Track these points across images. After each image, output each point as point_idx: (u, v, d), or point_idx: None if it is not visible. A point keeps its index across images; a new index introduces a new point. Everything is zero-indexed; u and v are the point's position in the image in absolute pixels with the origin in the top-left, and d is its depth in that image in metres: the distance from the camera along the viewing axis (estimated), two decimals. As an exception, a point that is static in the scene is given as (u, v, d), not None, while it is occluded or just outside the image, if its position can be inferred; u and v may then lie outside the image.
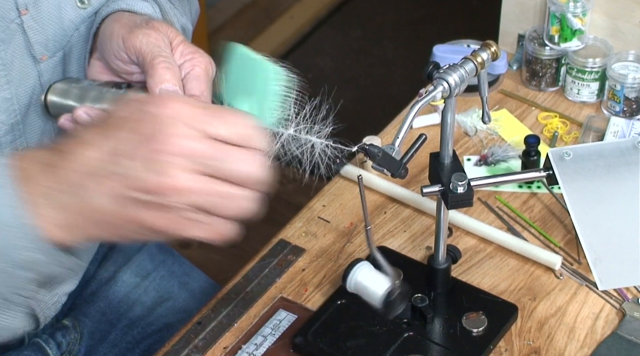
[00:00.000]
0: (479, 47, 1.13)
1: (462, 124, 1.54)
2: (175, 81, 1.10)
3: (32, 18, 1.16)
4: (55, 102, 1.15)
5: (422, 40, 3.29)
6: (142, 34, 1.11)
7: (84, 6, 1.20)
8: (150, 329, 1.46)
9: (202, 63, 1.13)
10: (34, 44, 1.17)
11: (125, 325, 1.45)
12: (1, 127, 1.17)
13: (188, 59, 1.13)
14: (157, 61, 1.09)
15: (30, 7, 1.15)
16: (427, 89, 1.12)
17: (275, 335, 1.24)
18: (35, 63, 1.18)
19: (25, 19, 1.15)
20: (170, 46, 1.13)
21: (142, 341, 1.45)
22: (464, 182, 1.14)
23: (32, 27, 1.16)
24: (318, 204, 1.43)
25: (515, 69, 1.66)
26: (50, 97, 1.15)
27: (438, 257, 1.25)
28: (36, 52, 1.18)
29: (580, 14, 1.56)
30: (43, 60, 1.19)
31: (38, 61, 1.18)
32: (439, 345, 1.22)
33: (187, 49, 1.14)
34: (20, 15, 1.15)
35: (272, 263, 1.34)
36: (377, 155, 1.04)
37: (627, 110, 1.55)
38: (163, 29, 1.13)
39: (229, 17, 3.37)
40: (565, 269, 1.33)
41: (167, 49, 1.11)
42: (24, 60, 1.17)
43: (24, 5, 1.15)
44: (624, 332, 1.24)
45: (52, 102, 1.15)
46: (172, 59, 1.11)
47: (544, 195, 1.43)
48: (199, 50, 1.15)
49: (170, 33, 1.14)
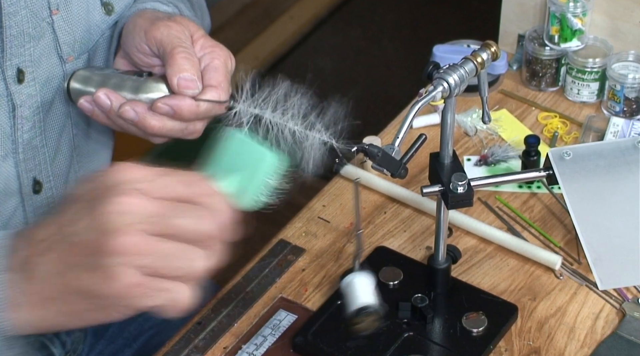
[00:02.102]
0: (479, 47, 1.13)
1: (462, 124, 1.54)
2: (193, 71, 1.12)
3: (62, 18, 1.18)
4: (77, 89, 1.19)
5: (422, 40, 3.29)
6: (164, 26, 1.14)
7: (108, 13, 1.22)
8: (147, 324, 1.46)
9: (221, 56, 1.16)
10: (62, 44, 1.19)
11: (122, 321, 1.45)
12: (25, 123, 1.18)
13: (208, 51, 1.15)
14: (177, 51, 1.12)
15: (62, 7, 1.17)
16: (427, 89, 1.12)
17: (275, 335, 1.24)
18: (61, 63, 1.20)
19: (56, 19, 1.17)
20: (190, 39, 1.15)
21: (138, 337, 1.46)
22: (464, 182, 1.14)
23: (62, 28, 1.18)
24: (318, 204, 1.43)
25: (515, 69, 1.66)
26: (73, 84, 1.19)
27: (438, 257, 1.25)
28: (63, 52, 1.20)
29: (580, 14, 1.56)
30: (69, 60, 1.21)
31: (64, 61, 1.20)
32: (439, 345, 1.22)
33: (208, 42, 1.17)
34: (52, 15, 1.17)
35: (272, 263, 1.34)
36: (377, 155, 1.04)
37: (627, 110, 1.55)
38: (184, 23, 1.16)
39: (229, 17, 3.37)
40: (565, 269, 1.33)
41: (188, 41, 1.14)
42: (51, 59, 1.19)
43: (55, 5, 1.17)
44: (624, 332, 1.24)
45: (74, 89, 1.19)
46: (191, 50, 1.14)
47: (544, 195, 1.43)
48: (219, 44, 1.17)
49: (191, 27, 1.16)
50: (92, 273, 0.81)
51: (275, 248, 1.37)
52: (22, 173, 1.21)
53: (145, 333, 1.46)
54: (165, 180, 0.83)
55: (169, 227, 0.82)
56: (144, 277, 0.81)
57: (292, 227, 1.40)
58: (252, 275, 1.33)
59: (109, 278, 0.81)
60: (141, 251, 0.80)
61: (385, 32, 3.44)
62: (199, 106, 1.12)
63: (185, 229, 0.82)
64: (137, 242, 0.80)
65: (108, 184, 0.82)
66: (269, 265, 1.34)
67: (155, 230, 0.81)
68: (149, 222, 0.81)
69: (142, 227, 0.81)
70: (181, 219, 0.82)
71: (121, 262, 0.80)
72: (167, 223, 0.82)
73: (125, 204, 0.81)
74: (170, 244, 0.82)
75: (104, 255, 0.80)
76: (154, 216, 0.81)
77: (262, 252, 1.36)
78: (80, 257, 0.82)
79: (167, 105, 1.12)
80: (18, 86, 1.16)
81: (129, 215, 0.81)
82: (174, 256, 0.82)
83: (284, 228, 1.40)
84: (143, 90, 1.14)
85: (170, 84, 1.12)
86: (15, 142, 1.18)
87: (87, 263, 0.81)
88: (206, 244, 0.84)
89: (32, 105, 1.18)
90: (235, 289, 1.31)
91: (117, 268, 0.80)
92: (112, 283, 0.81)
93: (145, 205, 0.81)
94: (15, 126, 1.18)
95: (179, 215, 0.82)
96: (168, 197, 0.83)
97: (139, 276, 0.81)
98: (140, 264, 0.81)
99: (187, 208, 0.83)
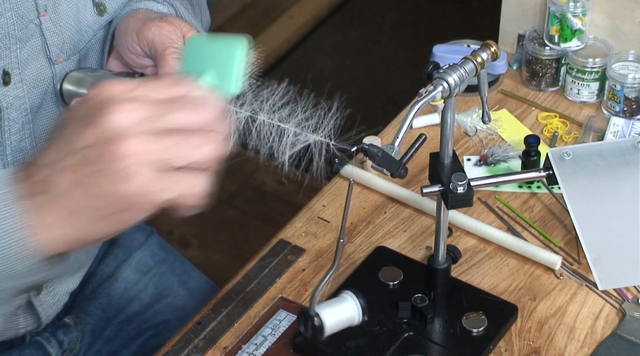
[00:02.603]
0: (479, 47, 1.13)
1: (462, 124, 1.54)
2: None
3: (50, 20, 1.17)
4: (70, 91, 1.19)
5: (422, 40, 3.28)
6: (155, 27, 1.14)
7: (100, 14, 1.22)
8: (146, 325, 1.46)
9: None
10: (50, 45, 1.19)
11: (120, 321, 1.45)
12: (12, 125, 1.18)
13: None
14: (168, 52, 1.12)
15: (50, 9, 1.17)
16: (427, 89, 1.12)
17: (275, 335, 1.24)
18: (50, 65, 1.20)
19: (44, 20, 1.17)
20: (182, 39, 1.15)
21: (137, 337, 1.46)
22: (464, 182, 1.14)
23: (50, 29, 1.18)
24: (318, 204, 1.43)
25: (515, 69, 1.66)
26: (66, 86, 1.19)
27: (438, 257, 1.25)
28: (52, 53, 1.19)
29: (580, 14, 1.56)
30: (58, 62, 1.20)
31: (53, 63, 1.20)
32: (439, 345, 1.22)
33: None
34: (39, 16, 1.16)
35: (272, 263, 1.34)
36: (377, 155, 1.04)
37: (627, 110, 1.55)
38: (176, 23, 1.16)
39: (229, 17, 3.37)
40: (565, 269, 1.33)
41: (179, 41, 1.14)
42: (40, 61, 1.18)
43: (43, 7, 1.16)
44: (624, 332, 1.24)
45: (67, 91, 1.19)
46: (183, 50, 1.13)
47: (544, 195, 1.43)
48: None
49: (183, 27, 1.16)
50: (109, 177, 0.86)
51: (275, 248, 1.37)
52: None
53: (143, 334, 1.46)
54: (151, 85, 0.89)
55: (167, 122, 0.87)
56: (158, 172, 0.86)
57: (292, 227, 1.40)
58: (252, 275, 1.33)
59: (125, 179, 0.86)
60: (148, 148, 0.86)
61: (385, 32, 3.44)
62: None
63: (183, 122, 0.88)
64: (142, 140, 0.86)
65: (101, 99, 0.88)
66: (269, 265, 1.34)
67: (156, 128, 0.87)
68: (148, 123, 0.87)
69: (143, 128, 0.86)
70: (176, 114, 0.88)
71: (133, 162, 0.86)
72: (165, 119, 0.87)
73: (123, 111, 0.86)
74: (173, 136, 0.87)
75: (116, 159, 0.86)
76: (151, 117, 0.87)
77: (262, 252, 1.36)
78: (94, 166, 0.86)
79: None
80: (4, 88, 1.15)
81: (130, 118, 0.86)
82: (180, 146, 0.87)
83: (284, 228, 1.40)
84: None
85: None
86: (3, 144, 1.18)
87: (103, 170, 0.86)
88: (205, 133, 0.88)
89: (20, 107, 1.18)
90: (235, 289, 1.31)
91: (131, 168, 0.86)
92: (129, 183, 0.86)
93: (141, 108, 0.87)
94: (2, 128, 1.17)
95: (173, 112, 0.88)
96: (158, 99, 0.88)
97: (153, 171, 0.86)
98: (150, 160, 0.86)
99: (179, 104, 0.88)
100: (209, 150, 0.88)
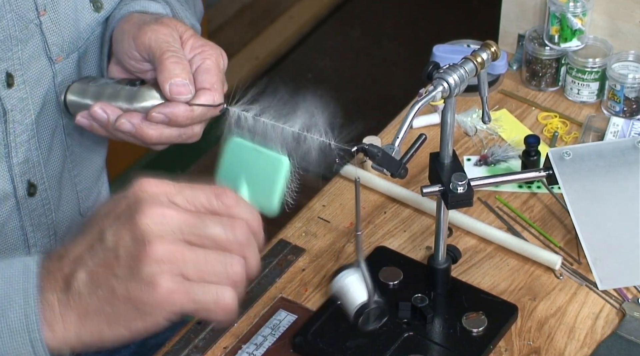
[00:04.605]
0: (479, 47, 1.13)
1: (462, 124, 1.54)
2: (184, 75, 1.11)
3: (50, 19, 1.17)
4: (74, 101, 1.18)
5: (422, 40, 3.28)
6: (151, 31, 1.13)
7: (97, 10, 1.22)
8: None
9: (212, 56, 1.14)
10: (50, 44, 1.19)
11: None
12: (17, 126, 1.18)
13: (198, 52, 1.14)
14: (166, 56, 1.10)
15: (49, 8, 1.17)
16: (427, 89, 1.12)
17: (275, 335, 1.24)
18: (50, 64, 1.20)
19: (44, 20, 1.17)
20: (179, 40, 1.14)
21: None
22: (464, 182, 1.14)
23: (50, 28, 1.18)
24: (318, 204, 1.43)
25: (515, 69, 1.66)
26: (69, 97, 1.19)
27: (438, 257, 1.25)
28: (52, 53, 1.19)
29: (580, 14, 1.56)
30: (58, 61, 1.20)
31: (53, 62, 1.20)
32: (439, 345, 1.22)
33: (197, 42, 1.15)
34: (39, 16, 1.16)
35: (272, 263, 1.34)
36: (377, 155, 1.04)
37: (627, 110, 1.55)
38: (172, 24, 1.15)
39: (229, 17, 3.37)
40: (565, 269, 1.33)
41: (176, 43, 1.12)
42: (41, 60, 1.18)
43: (42, 6, 1.16)
44: (624, 332, 1.24)
45: (71, 102, 1.18)
46: (181, 52, 1.12)
47: (544, 195, 1.43)
48: (209, 43, 1.15)
49: (179, 27, 1.15)
50: (133, 282, 0.84)
51: (275, 248, 1.37)
52: (16, 176, 1.20)
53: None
54: (192, 192, 0.87)
55: (203, 234, 0.85)
56: (185, 283, 0.84)
57: (292, 227, 1.40)
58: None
59: (150, 286, 0.83)
60: (179, 258, 0.84)
61: (385, 32, 3.44)
62: (194, 110, 1.11)
63: (219, 238, 0.86)
64: (175, 249, 0.84)
65: (139, 197, 0.85)
66: (269, 265, 1.34)
67: (190, 239, 0.85)
68: (183, 232, 0.84)
69: (177, 237, 0.84)
70: (214, 228, 0.86)
71: (161, 269, 0.83)
72: (201, 232, 0.85)
73: (160, 215, 0.84)
74: (206, 250, 0.85)
75: (144, 263, 0.83)
76: (188, 226, 0.85)
77: (262, 252, 1.36)
78: (119, 268, 0.84)
79: (161, 113, 1.11)
80: (8, 90, 1.15)
81: (165, 224, 0.84)
82: (211, 261, 0.85)
83: (284, 228, 1.40)
84: (137, 99, 1.13)
85: (163, 90, 1.11)
86: (8, 146, 1.17)
87: (127, 274, 0.84)
88: (240, 251, 0.87)
89: (24, 108, 1.18)
90: (235, 289, 1.31)
91: (158, 275, 0.83)
92: (153, 290, 0.84)
93: (179, 215, 0.85)
94: (7, 130, 1.17)
95: (211, 225, 0.86)
96: (198, 209, 0.86)
97: (179, 282, 0.84)
98: (179, 270, 0.84)
99: (218, 218, 0.86)
100: (239, 269, 0.86)
